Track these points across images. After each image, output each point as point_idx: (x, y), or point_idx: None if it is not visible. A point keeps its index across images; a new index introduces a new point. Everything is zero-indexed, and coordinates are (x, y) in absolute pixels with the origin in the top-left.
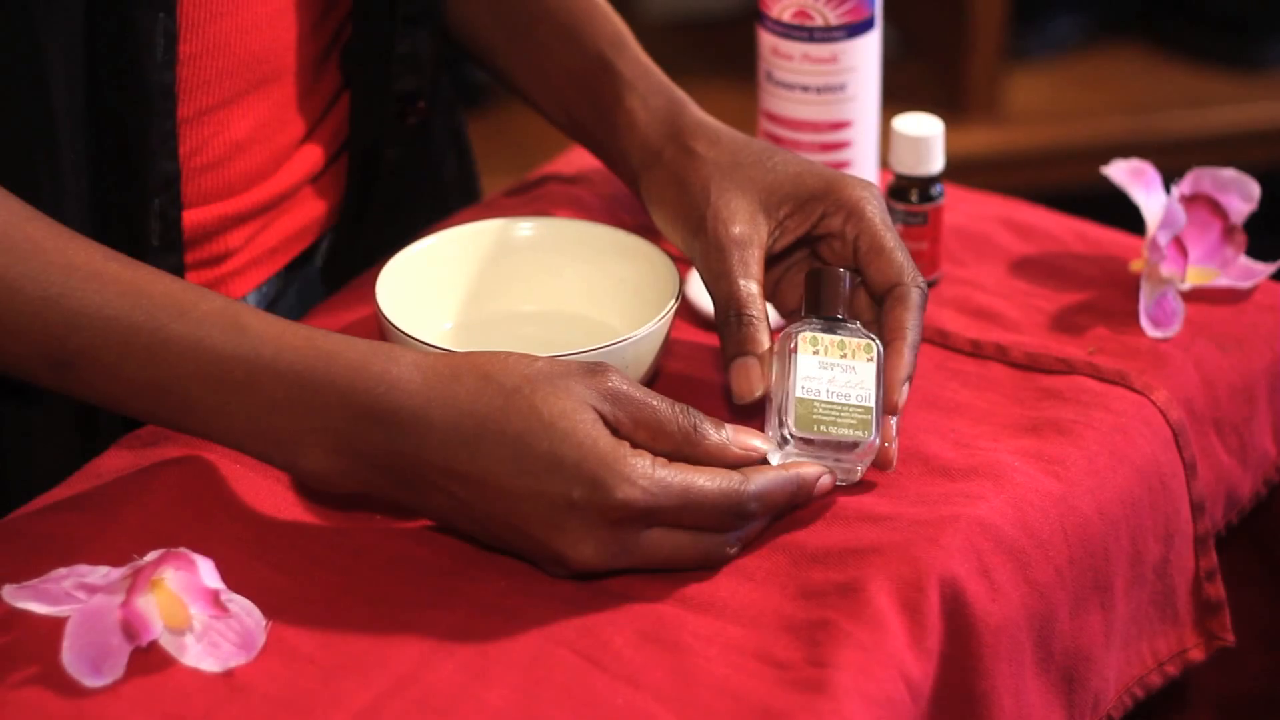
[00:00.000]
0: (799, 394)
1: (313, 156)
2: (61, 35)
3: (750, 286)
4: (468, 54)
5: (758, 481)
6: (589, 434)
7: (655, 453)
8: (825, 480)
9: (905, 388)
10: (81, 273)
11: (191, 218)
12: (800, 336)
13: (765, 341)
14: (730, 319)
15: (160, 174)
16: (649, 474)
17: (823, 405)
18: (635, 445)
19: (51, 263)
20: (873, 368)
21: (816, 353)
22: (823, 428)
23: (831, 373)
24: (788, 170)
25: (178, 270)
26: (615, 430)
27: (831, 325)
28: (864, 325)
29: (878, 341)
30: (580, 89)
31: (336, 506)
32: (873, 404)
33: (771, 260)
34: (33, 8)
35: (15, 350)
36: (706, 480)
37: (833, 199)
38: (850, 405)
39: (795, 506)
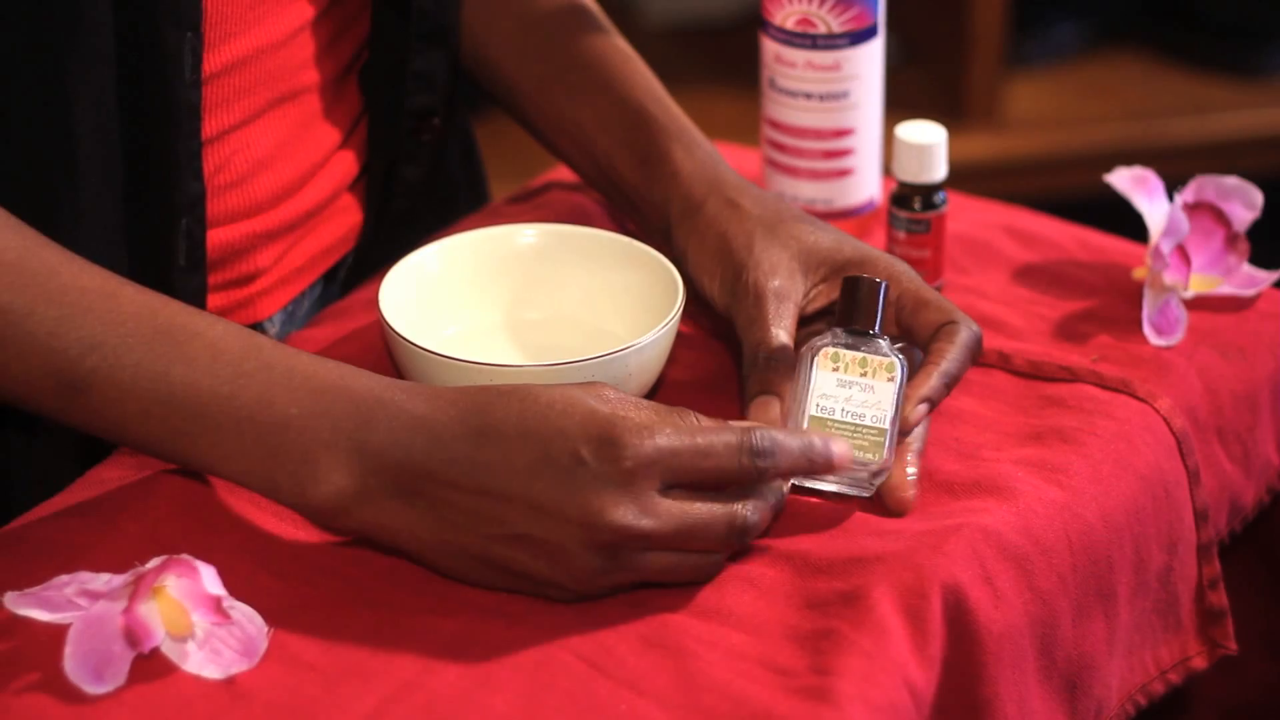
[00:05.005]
0: (813, 412)
1: (339, 173)
2: (87, 58)
3: (782, 335)
4: (489, 94)
5: (766, 430)
6: (587, 405)
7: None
8: (840, 448)
9: (924, 407)
10: (96, 294)
11: (219, 236)
12: (821, 352)
13: (789, 385)
14: (759, 361)
15: (187, 194)
16: (656, 425)
17: (835, 425)
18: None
19: (66, 286)
20: (893, 388)
21: (836, 369)
22: None
23: (849, 391)
24: (826, 237)
25: (202, 289)
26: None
27: (858, 339)
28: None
29: (902, 361)
30: (616, 138)
31: None
32: (888, 425)
33: (798, 325)
34: (59, 30)
35: (25, 375)
36: (714, 433)
37: (869, 267)
38: (864, 426)
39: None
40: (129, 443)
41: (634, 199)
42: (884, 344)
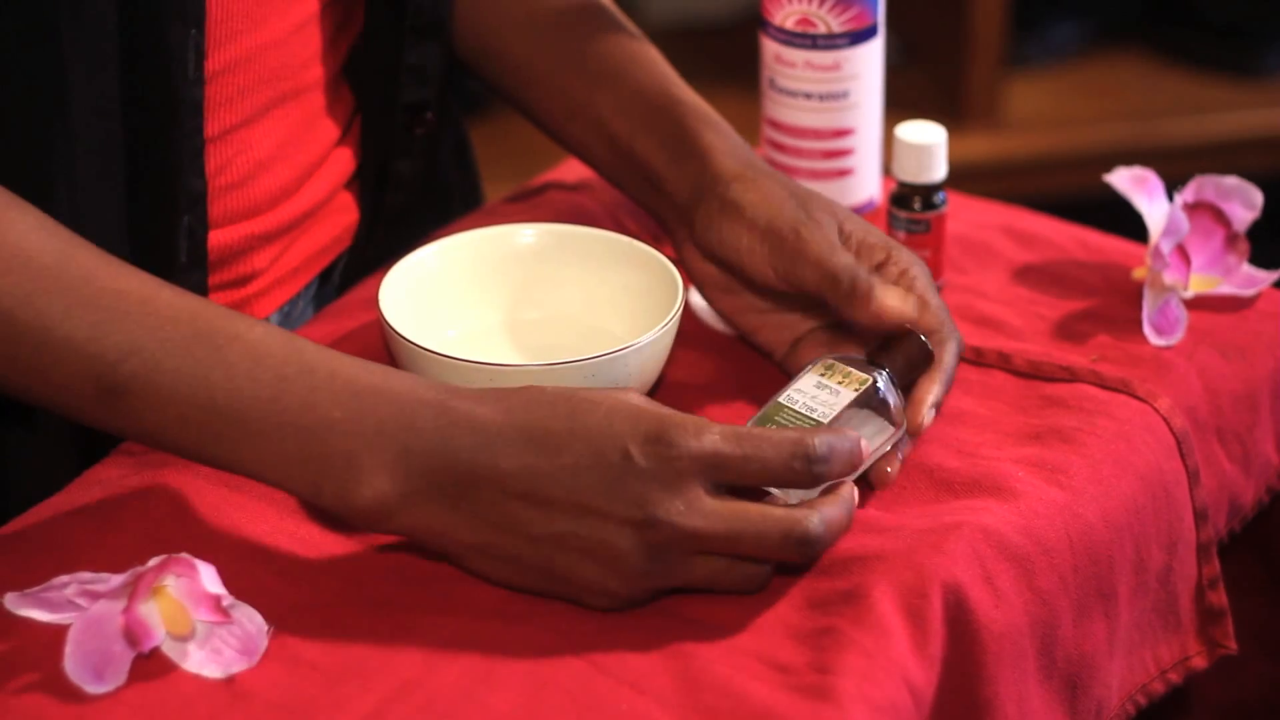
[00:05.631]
0: (780, 399)
1: (334, 173)
2: (90, 53)
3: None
4: (491, 84)
5: (824, 435)
6: (635, 404)
7: None
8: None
9: (931, 412)
10: (135, 298)
11: (218, 238)
12: (822, 361)
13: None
14: (859, 275)
15: (189, 191)
16: (706, 425)
17: (790, 413)
18: None
19: (105, 289)
20: (851, 397)
21: (822, 375)
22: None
23: (820, 393)
24: (857, 219)
25: (203, 287)
26: None
27: (864, 364)
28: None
29: (883, 386)
30: (638, 122)
31: None
32: (825, 422)
33: (805, 313)
34: (61, 26)
35: (64, 380)
36: (764, 436)
37: (892, 253)
38: (810, 419)
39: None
40: (168, 447)
41: (655, 179)
42: (883, 375)
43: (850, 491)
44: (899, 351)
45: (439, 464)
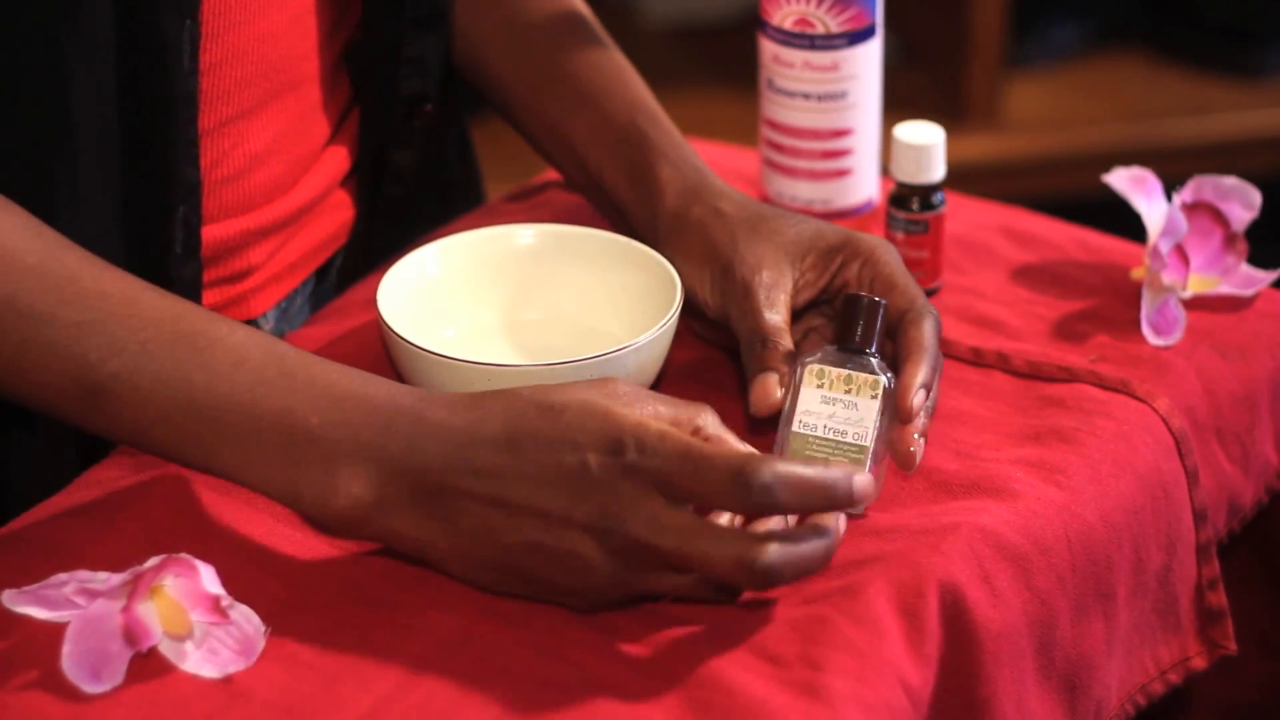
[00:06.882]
0: (795, 428)
1: (331, 168)
2: (87, 44)
3: (776, 320)
4: (482, 94)
5: (771, 463)
6: (602, 410)
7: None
8: (861, 480)
9: (920, 394)
10: (118, 299)
11: (214, 233)
12: (807, 369)
13: (787, 364)
14: (755, 345)
15: (184, 182)
16: (666, 438)
17: (818, 441)
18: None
19: (88, 290)
20: (875, 405)
21: (820, 386)
22: None
23: (832, 408)
24: (808, 226)
25: (198, 277)
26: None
27: (846, 357)
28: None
29: (888, 379)
30: (606, 153)
31: None
32: (868, 443)
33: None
34: (58, 16)
35: (46, 380)
36: (716, 454)
37: (850, 248)
38: (846, 443)
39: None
40: (148, 448)
41: (624, 211)
42: (874, 362)
43: (834, 525)
44: (855, 321)
45: (412, 471)
